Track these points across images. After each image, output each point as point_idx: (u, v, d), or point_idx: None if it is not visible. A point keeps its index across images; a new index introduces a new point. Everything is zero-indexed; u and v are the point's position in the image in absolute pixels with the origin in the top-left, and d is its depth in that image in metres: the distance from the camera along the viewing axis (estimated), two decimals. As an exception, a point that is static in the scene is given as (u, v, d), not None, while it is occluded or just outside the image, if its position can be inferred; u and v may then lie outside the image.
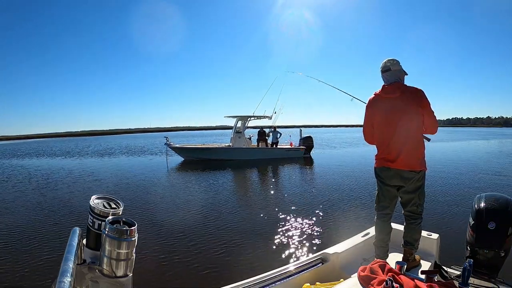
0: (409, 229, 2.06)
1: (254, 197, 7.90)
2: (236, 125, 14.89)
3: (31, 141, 59.37)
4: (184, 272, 3.61)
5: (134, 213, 5.90)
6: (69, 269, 0.60)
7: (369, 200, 6.33)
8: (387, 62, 2.08)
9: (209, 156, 14.76)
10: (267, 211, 6.05)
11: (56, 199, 7.49)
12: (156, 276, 3.48)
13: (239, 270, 3.57)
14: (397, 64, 2.06)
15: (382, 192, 2.14)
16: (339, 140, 30.18)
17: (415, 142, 1.99)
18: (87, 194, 7.63)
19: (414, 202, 2.03)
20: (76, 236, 0.76)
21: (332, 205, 6.32)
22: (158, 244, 4.37)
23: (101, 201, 0.86)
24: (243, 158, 14.43)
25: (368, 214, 5.17)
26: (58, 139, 61.53)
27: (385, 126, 2.04)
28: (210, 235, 4.73)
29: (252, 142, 15.40)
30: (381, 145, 2.10)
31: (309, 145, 15.57)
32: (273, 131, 15.29)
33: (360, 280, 1.35)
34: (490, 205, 1.79)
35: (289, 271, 1.85)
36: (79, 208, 6.41)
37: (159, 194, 7.92)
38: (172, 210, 6.24)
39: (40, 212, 6.31)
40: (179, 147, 15.10)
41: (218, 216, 5.80)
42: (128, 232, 0.76)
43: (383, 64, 2.09)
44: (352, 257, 2.13)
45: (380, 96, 2.07)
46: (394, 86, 2.01)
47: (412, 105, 1.93)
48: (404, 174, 1.98)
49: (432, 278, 1.31)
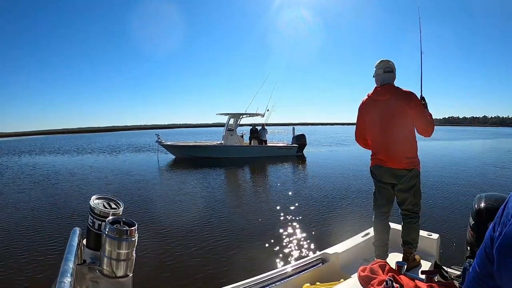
0: (407, 228, 2.09)
1: (251, 196, 7.89)
2: (228, 122, 14.76)
3: (26, 138, 58.81)
4: (184, 272, 3.61)
5: (133, 213, 5.90)
6: (69, 269, 0.60)
7: (368, 200, 6.32)
8: (391, 63, 2.10)
9: (201, 154, 14.65)
10: (266, 211, 6.05)
11: (56, 199, 7.48)
12: (156, 276, 3.48)
13: (239, 270, 3.56)
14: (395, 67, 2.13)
15: (378, 190, 2.19)
16: (332, 139, 30.11)
17: (406, 142, 2.03)
18: (86, 194, 7.62)
19: (410, 201, 2.07)
20: (76, 236, 0.76)
21: (331, 205, 6.32)
22: (158, 244, 4.37)
23: (101, 201, 0.86)
24: (235, 156, 14.33)
25: (368, 214, 5.17)
26: (54, 136, 61.04)
27: (377, 127, 2.10)
28: (209, 235, 4.73)
29: (244, 140, 15.32)
30: (374, 145, 2.17)
31: (302, 143, 15.54)
32: (261, 128, 15.30)
33: (360, 280, 1.35)
34: (490, 205, 1.79)
35: (289, 271, 1.85)
36: (79, 208, 6.41)
37: (153, 193, 7.90)
38: (169, 210, 6.23)
39: (40, 212, 6.30)
40: (170, 145, 14.92)
41: (216, 215, 5.79)
42: (128, 232, 0.76)
43: (386, 64, 2.09)
44: (352, 257, 2.14)
45: (372, 98, 2.13)
46: (386, 88, 2.06)
47: (402, 106, 1.98)
48: (396, 172, 2.04)
49: (432, 278, 1.31)
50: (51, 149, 24.69)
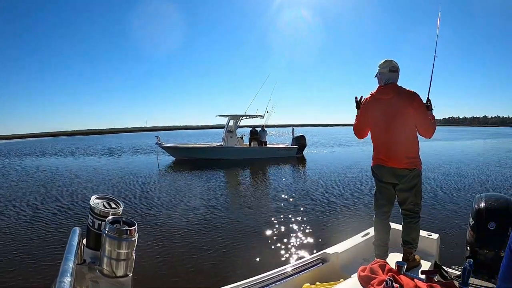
0: (407, 228, 2.08)
1: (250, 196, 7.89)
2: (228, 124, 14.75)
3: (26, 140, 58.92)
4: (184, 272, 3.61)
5: (133, 213, 5.90)
6: (69, 269, 0.60)
7: (368, 200, 6.33)
8: (395, 62, 2.09)
9: (201, 156, 14.64)
10: (266, 211, 6.05)
11: (55, 199, 7.48)
12: (156, 276, 3.48)
13: (239, 270, 3.56)
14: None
15: (379, 190, 2.19)
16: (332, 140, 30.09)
17: (407, 142, 2.03)
18: (86, 194, 7.62)
19: (411, 201, 2.06)
20: (76, 236, 0.76)
21: (331, 205, 6.32)
22: (158, 244, 4.37)
23: (101, 201, 0.86)
24: (234, 158, 14.31)
25: (368, 214, 5.17)
26: (54, 139, 61.08)
27: (379, 126, 2.10)
28: (209, 235, 4.73)
29: (244, 141, 15.30)
30: (376, 145, 2.16)
31: (302, 144, 15.52)
32: (261, 130, 15.28)
33: (360, 280, 1.35)
34: (490, 205, 1.79)
35: (289, 271, 1.85)
36: (79, 208, 6.41)
37: (152, 194, 7.90)
38: (169, 210, 6.24)
39: (40, 212, 6.30)
40: (170, 147, 14.92)
41: (216, 216, 5.79)
42: (128, 232, 0.76)
43: (391, 64, 2.08)
44: (352, 257, 2.14)
45: (375, 97, 2.12)
46: (390, 87, 2.05)
47: (404, 106, 1.97)
48: (397, 172, 2.03)
49: (432, 278, 1.31)
50: (51, 151, 24.72)
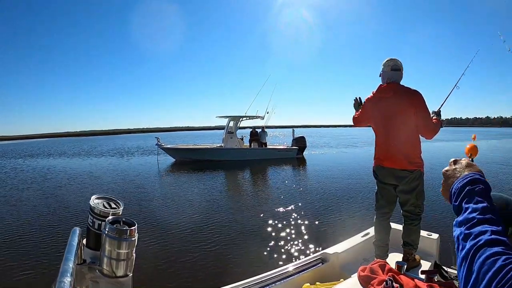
0: (408, 229, 2.07)
1: (251, 197, 7.88)
2: (228, 125, 14.74)
3: (30, 141, 59.18)
4: (184, 272, 3.62)
5: (133, 213, 5.91)
6: (69, 269, 0.60)
7: (368, 200, 6.33)
8: (399, 61, 2.07)
9: (201, 157, 14.63)
10: (266, 211, 6.05)
11: (56, 199, 7.49)
12: (156, 276, 3.48)
13: (239, 270, 3.56)
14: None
15: (380, 191, 2.17)
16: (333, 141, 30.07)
17: (408, 142, 2.00)
18: (86, 194, 7.63)
19: (412, 203, 2.04)
20: (76, 236, 0.76)
21: (331, 205, 6.32)
22: (158, 244, 4.37)
23: (101, 201, 0.86)
24: (235, 159, 14.31)
25: (368, 214, 5.17)
26: (57, 140, 61.27)
27: (380, 126, 2.08)
28: (209, 236, 4.73)
29: (244, 143, 15.30)
30: (377, 145, 2.15)
31: (302, 145, 15.52)
32: (261, 131, 15.27)
33: (360, 280, 1.35)
34: (490, 205, 1.79)
35: (289, 271, 1.85)
36: (79, 208, 6.41)
37: (152, 195, 7.91)
38: (169, 211, 6.24)
39: (40, 212, 6.31)
40: (169, 148, 14.93)
41: (216, 216, 5.79)
42: (128, 232, 0.76)
43: (394, 62, 2.06)
44: (352, 257, 2.13)
45: (376, 95, 2.10)
46: (391, 86, 2.03)
47: (405, 105, 1.94)
48: (397, 173, 2.00)
49: (432, 278, 1.30)
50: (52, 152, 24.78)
